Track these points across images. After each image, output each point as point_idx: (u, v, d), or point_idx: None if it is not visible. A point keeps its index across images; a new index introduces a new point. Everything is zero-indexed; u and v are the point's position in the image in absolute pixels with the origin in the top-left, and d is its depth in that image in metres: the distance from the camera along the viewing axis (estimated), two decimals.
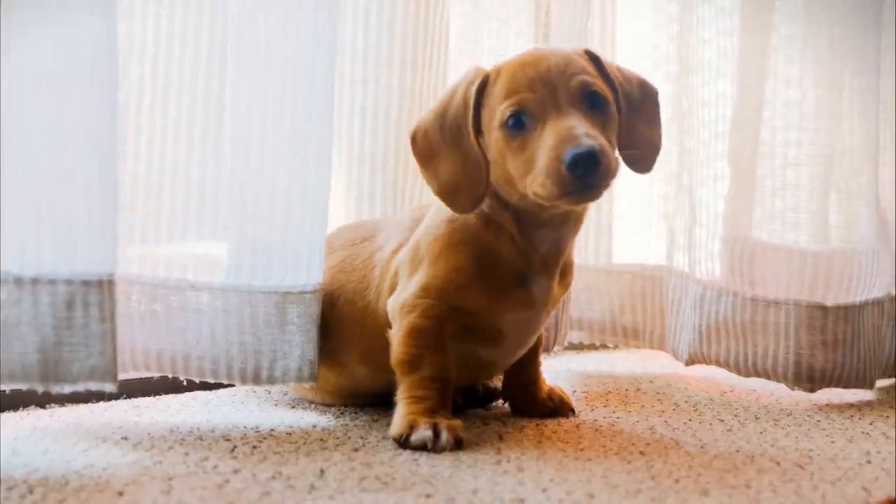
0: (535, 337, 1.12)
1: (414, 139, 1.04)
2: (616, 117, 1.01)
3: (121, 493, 0.80)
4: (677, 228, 1.46)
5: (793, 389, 1.33)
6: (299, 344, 1.07)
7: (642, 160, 1.07)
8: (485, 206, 1.03)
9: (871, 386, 1.35)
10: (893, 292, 1.40)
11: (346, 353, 1.11)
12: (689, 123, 1.43)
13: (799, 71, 1.37)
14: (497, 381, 1.22)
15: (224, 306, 1.06)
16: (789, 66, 1.37)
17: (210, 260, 1.08)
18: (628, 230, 1.58)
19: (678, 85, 1.45)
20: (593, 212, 1.52)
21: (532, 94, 0.97)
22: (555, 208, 1.00)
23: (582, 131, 0.93)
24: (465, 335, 1.05)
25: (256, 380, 1.07)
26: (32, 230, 0.91)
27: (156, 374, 1.08)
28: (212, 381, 1.08)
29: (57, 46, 0.91)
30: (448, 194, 1.02)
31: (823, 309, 1.32)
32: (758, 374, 1.35)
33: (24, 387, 0.91)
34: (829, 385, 1.32)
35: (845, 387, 1.33)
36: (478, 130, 1.01)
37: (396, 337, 1.03)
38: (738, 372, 1.36)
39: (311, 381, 1.08)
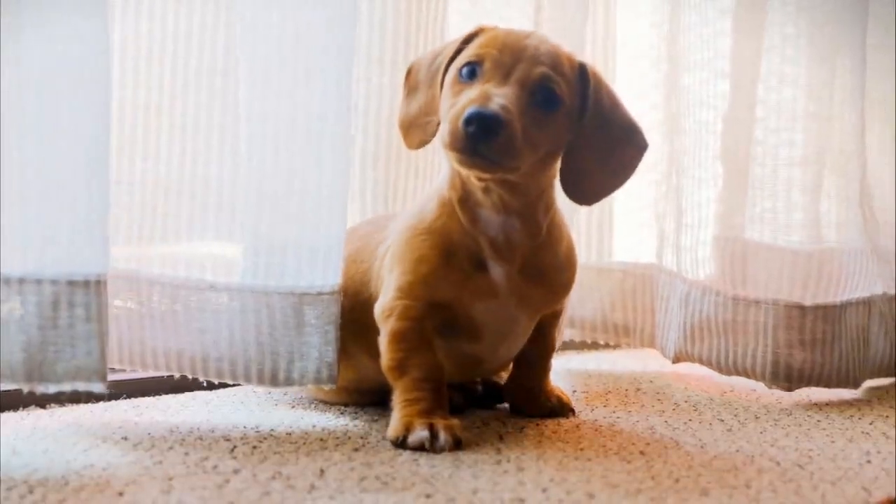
0: (522, 334, 1.10)
1: (409, 71, 1.09)
2: (564, 128, 1.01)
3: (121, 493, 0.80)
4: (667, 227, 1.45)
5: (770, 388, 1.33)
6: (316, 346, 1.07)
7: (581, 190, 1.05)
8: (445, 180, 1.04)
9: (855, 386, 1.35)
10: (892, 292, 1.40)
11: (354, 342, 1.11)
12: (683, 124, 1.43)
13: (789, 71, 1.37)
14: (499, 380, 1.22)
15: (242, 307, 1.06)
16: (783, 66, 1.37)
17: (228, 260, 1.08)
18: (623, 230, 1.57)
19: (673, 84, 1.45)
20: (589, 211, 1.51)
21: (496, 54, 0.98)
22: (469, 179, 1.01)
23: (497, 100, 0.94)
24: (447, 332, 1.05)
25: (274, 381, 1.07)
26: (20, 230, 0.90)
27: (177, 374, 1.08)
28: (230, 382, 1.08)
29: (48, 47, 0.90)
30: (406, 127, 1.07)
31: (801, 308, 1.31)
32: (738, 373, 1.34)
33: (8, 386, 0.92)
34: (808, 384, 1.32)
35: (826, 386, 1.32)
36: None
37: (382, 343, 1.04)
38: (720, 370, 1.36)
39: (330, 384, 1.08)
